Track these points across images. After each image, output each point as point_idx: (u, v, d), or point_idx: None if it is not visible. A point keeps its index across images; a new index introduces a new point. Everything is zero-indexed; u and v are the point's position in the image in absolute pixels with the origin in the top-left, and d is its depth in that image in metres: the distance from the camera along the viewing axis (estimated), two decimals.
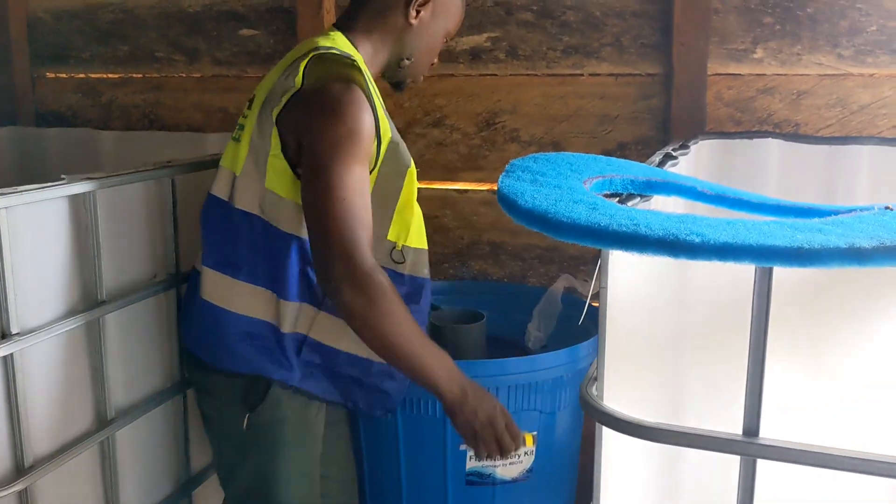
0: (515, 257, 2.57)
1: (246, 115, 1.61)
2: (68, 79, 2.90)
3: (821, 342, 1.06)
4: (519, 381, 1.90)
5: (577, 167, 1.20)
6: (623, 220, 0.88)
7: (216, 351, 1.60)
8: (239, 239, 1.56)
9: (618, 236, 0.86)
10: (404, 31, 1.64)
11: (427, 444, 1.94)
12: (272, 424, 1.61)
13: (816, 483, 1.09)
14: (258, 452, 1.63)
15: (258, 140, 1.54)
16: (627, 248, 0.86)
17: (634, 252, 0.86)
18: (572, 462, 2.16)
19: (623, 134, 2.41)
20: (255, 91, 1.64)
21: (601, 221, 0.88)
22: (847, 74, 2.21)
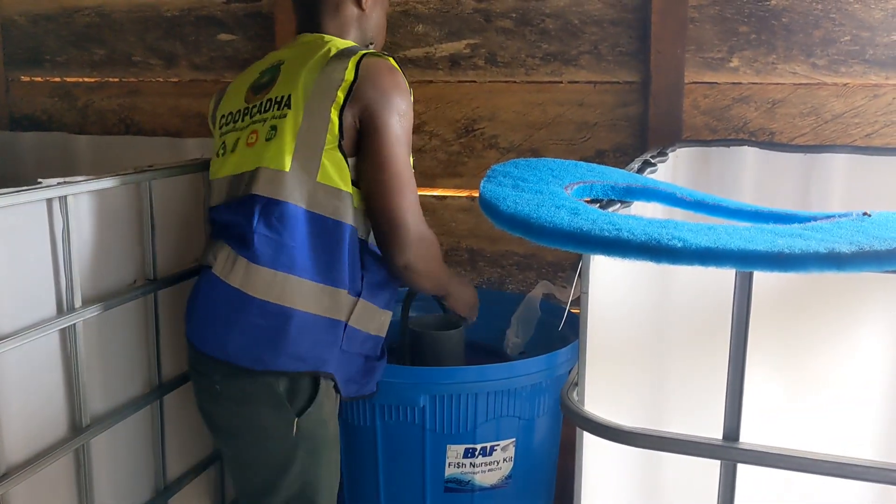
0: (494, 264, 2.57)
1: (276, 115, 1.63)
2: (43, 82, 2.88)
3: (800, 347, 1.07)
4: (498, 388, 1.90)
5: (558, 173, 1.20)
6: (605, 224, 0.89)
7: (269, 352, 1.58)
8: (290, 234, 1.59)
9: (600, 241, 0.86)
10: (361, 19, 1.80)
11: (406, 450, 1.93)
12: (316, 427, 1.64)
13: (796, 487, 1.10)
14: (304, 458, 1.64)
15: (309, 136, 1.60)
16: (610, 252, 0.86)
17: (616, 257, 0.86)
18: (551, 468, 2.16)
19: (601, 141, 2.42)
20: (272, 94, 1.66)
21: (583, 226, 0.89)
22: (821, 84, 2.24)
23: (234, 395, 1.62)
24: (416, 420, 1.89)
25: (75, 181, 1.55)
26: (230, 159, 1.68)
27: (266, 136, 1.63)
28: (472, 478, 1.94)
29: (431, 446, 1.91)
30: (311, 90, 1.61)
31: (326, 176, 1.60)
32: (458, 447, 1.91)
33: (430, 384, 1.89)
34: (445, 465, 1.92)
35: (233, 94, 1.77)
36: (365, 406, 1.92)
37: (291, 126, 1.60)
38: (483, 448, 1.93)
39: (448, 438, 1.91)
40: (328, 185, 1.60)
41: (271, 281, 1.58)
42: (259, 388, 1.60)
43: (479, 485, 1.95)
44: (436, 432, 1.90)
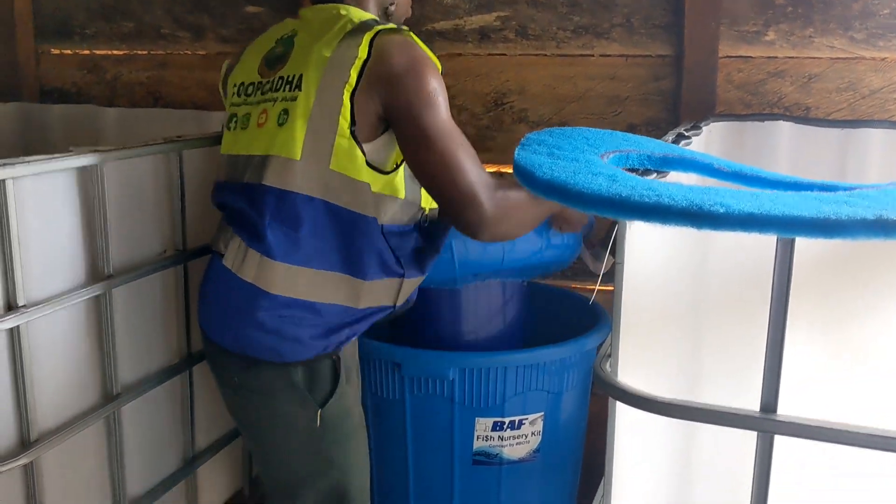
0: None
1: (287, 96, 1.53)
2: (73, 55, 2.88)
3: (840, 317, 1.05)
4: (526, 362, 1.90)
5: (593, 141, 1.18)
6: (645, 191, 0.87)
7: (288, 345, 1.52)
8: (305, 226, 1.50)
9: (640, 207, 0.84)
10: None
11: (434, 423, 1.93)
12: (341, 416, 1.58)
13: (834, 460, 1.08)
14: (332, 449, 1.59)
15: (321, 122, 1.49)
16: (650, 218, 0.84)
17: (657, 223, 0.84)
18: (579, 443, 2.16)
19: (632, 116, 2.39)
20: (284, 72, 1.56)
21: (622, 192, 0.87)
22: (859, 58, 2.20)
23: (253, 387, 1.56)
24: (445, 393, 1.89)
25: (107, 150, 1.55)
26: (241, 137, 1.59)
27: (278, 119, 1.53)
28: (500, 451, 1.94)
29: (460, 419, 1.91)
30: (324, 70, 1.50)
31: (340, 164, 1.49)
32: (487, 420, 1.91)
33: (460, 358, 1.89)
34: (474, 438, 1.92)
35: (247, 63, 1.67)
36: (394, 379, 1.93)
37: (303, 110, 1.50)
38: (511, 421, 1.93)
39: (477, 411, 1.90)
40: (342, 174, 1.50)
41: (287, 275, 1.50)
42: (278, 379, 1.54)
43: (507, 458, 1.94)
44: (465, 405, 1.90)
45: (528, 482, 2.00)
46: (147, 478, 1.74)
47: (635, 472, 1.19)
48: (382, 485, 2.03)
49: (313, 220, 1.50)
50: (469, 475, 1.95)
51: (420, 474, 1.99)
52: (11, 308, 1.37)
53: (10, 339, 1.38)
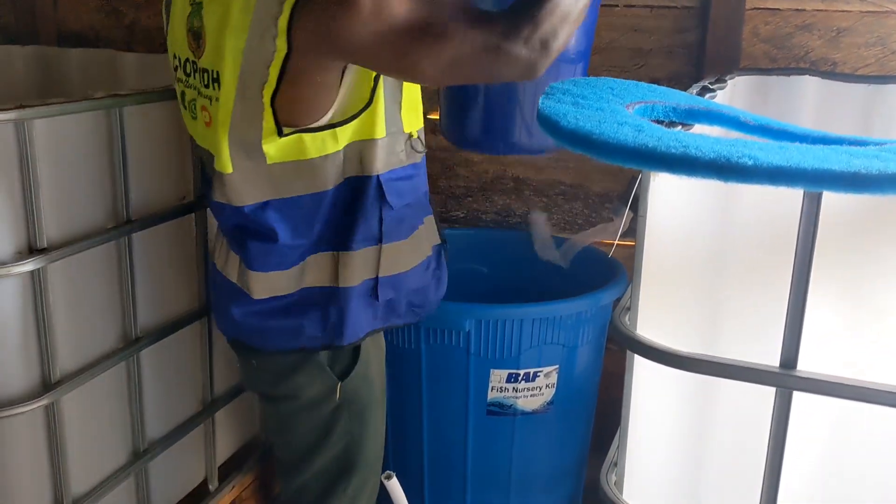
0: (540, 193, 2.54)
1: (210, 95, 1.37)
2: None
3: (864, 275, 1.04)
4: (542, 315, 1.90)
5: (618, 92, 1.16)
6: (671, 142, 0.86)
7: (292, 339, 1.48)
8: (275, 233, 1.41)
9: (667, 158, 0.83)
10: None
11: (450, 374, 1.95)
12: (361, 387, 1.54)
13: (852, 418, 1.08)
14: (348, 420, 1.55)
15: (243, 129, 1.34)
16: (676, 170, 0.83)
17: (684, 175, 0.83)
18: (592, 396, 2.17)
19: (655, 69, 2.36)
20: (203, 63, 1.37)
21: (649, 143, 0.86)
22: (889, 12, 2.15)
23: (271, 368, 1.53)
24: (460, 344, 1.90)
25: (33, 105, 1.36)
26: (196, 127, 1.46)
27: (207, 121, 1.40)
28: (514, 402, 1.95)
29: (475, 370, 1.92)
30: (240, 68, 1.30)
31: (275, 156, 1.35)
32: (502, 372, 1.93)
33: (476, 309, 1.89)
34: (489, 388, 1.93)
35: (176, 26, 1.46)
36: (410, 329, 1.93)
37: (223, 117, 1.34)
38: (526, 374, 1.94)
39: (492, 363, 1.92)
40: (282, 163, 1.36)
41: (267, 280, 1.45)
42: (296, 359, 1.50)
43: (521, 409, 1.96)
44: (480, 356, 1.91)
45: (541, 434, 2.02)
46: (166, 421, 1.76)
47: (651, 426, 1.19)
48: (397, 435, 2.05)
49: (280, 223, 1.40)
50: (483, 425, 1.97)
51: (434, 424, 2.01)
52: (32, 251, 1.38)
53: (32, 282, 1.39)
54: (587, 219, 2.52)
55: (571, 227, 2.54)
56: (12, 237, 1.36)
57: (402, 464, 2.10)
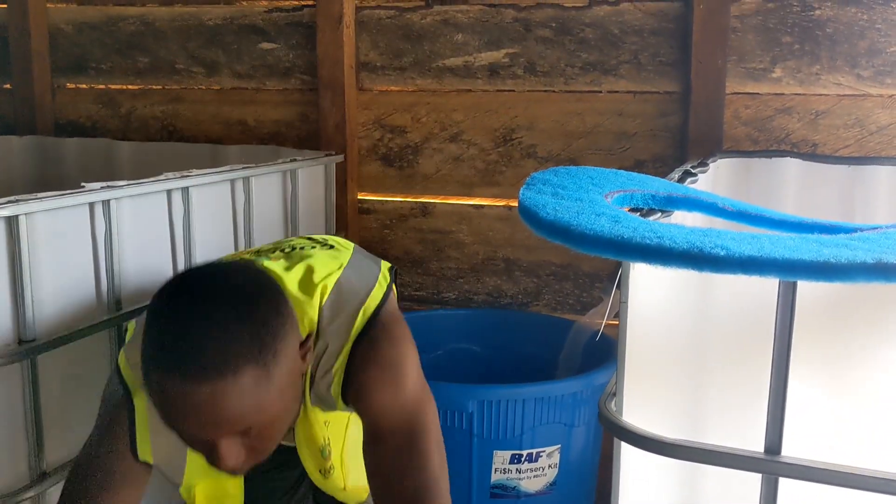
0: (530, 273, 2.57)
1: None
2: (88, 89, 2.92)
3: (845, 360, 1.05)
4: (542, 395, 1.92)
5: (597, 181, 1.19)
6: (646, 232, 0.88)
7: None
8: None
9: (641, 249, 0.85)
10: None
11: (451, 455, 1.90)
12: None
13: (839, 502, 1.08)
14: None
15: None
16: (651, 260, 0.85)
17: (658, 265, 0.85)
18: (592, 475, 2.16)
19: (640, 151, 2.41)
20: None
21: (624, 234, 0.88)
22: (866, 95, 2.21)
23: None
24: (462, 425, 1.90)
25: (118, 185, 1.57)
26: None
27: None
28: (517, 484, 1.94)
29: (478, 451, 1.92)
30: None
31: None
32: (505, 453, 1.92)
33: (478, 390, 1.91)
34: (492, 470, 1.93)
35: None
36: None
37: None
38: (529, 454, 1.94)
39: (495, 444, 1.92)
40: None
41: None
42: None
43: (524, 491, 1.95)
44: (483, 438, 1.91)
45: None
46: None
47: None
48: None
49: None
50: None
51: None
52: (22, 342, 1.39)
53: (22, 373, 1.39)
54: (578, 298, 2.54)
55: (562, 308, 2.56)
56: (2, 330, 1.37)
57: None
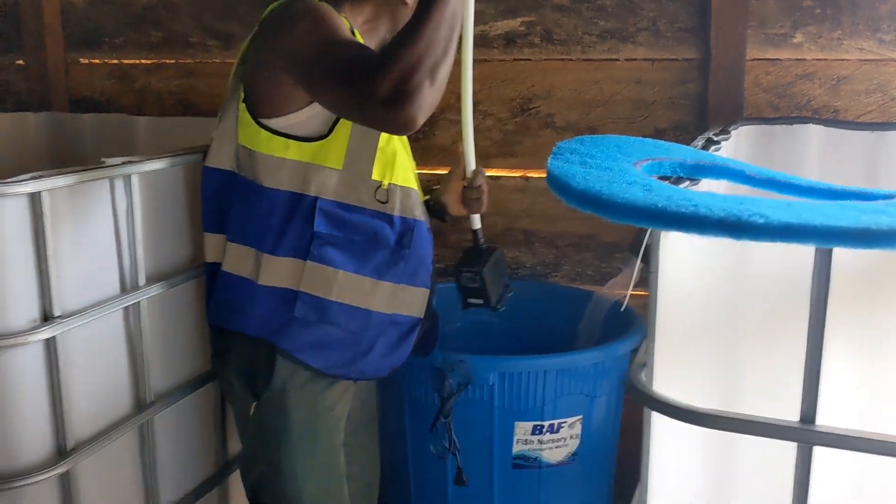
0: (549, 245, 2.55)
1: None
2: (101, 64, 2.90)
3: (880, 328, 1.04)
4: (565, 366, 1.91)
5: (624, 149, 1.18)
6: (681, 201, 0.86)
7: (222, 312, 1.60)
8: (223, 199, 1.59)
9: (677, 217, 0.84)
10: (397, 10, 1.63)
11: (474, 427, 1.93)
12: (277, 415, 1.56)
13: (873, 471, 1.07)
14: (265, 445, 1.59)
15: (230, 95, 1.59)
16: (688, 229, 0.84)
17: (694, 233, 0.84)
18: (613, 446, 2.16)
19: (660, 120, 2.38)
20: None
21: (658, 202, 0.86)
22: (888, 60, 2.17)
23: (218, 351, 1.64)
24: (484, 397, 1.89)
25: (137, 161, 1.56)
26: None
27: None
28: (539, 454, 1.94)
29: (500, 423, 1.91)
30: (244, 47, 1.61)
31: (244, 137, 1.54)
32: (527, 424, 1.92)
33: (500, 362, 1.90)
34: (513, 441, 1.93)
35: None
36: (429, 382, 1.91)
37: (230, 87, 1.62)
38: (551, 425, 1.93)
39: (516, 415, 1.91)
40: (246, 147, 1.54)
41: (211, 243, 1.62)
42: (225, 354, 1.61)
43: (546, 461, 1.95)
44: (504, 409, 1.90)
45: (566, 486, 2.01)
46: (180, 485, 1.76)
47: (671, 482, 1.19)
48: (420, 492, 2.04)
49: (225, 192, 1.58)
50: (509, 479, 1.96)
51: None
52: (48, 318, 1.39)
53: (47, 350, 1.39)
54: (598, 269, 2.53)
55: (582, 279, 2.54)
56: (28, 306, 1.37)
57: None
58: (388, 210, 1.57)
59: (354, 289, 1.55)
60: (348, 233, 1.54)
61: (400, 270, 1.59)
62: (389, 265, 1.58)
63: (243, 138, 1.54)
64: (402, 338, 1.64)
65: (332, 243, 1.53)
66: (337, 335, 1.56)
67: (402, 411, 2.05)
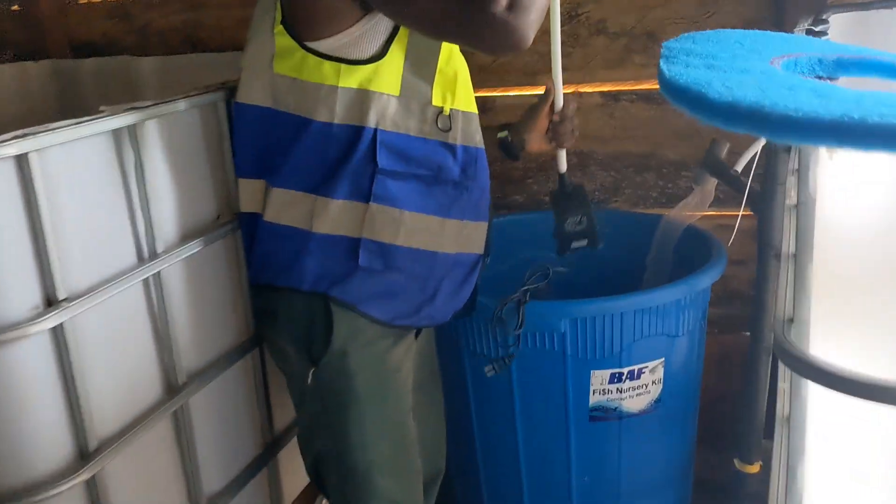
0: (606, 167, 2.30)
1: None
2: (100, 3, 2.65)
3: None
4: (642, 305, 1.70)
5: (749, 45, 0.92)
6: (885, 109, 0.61)
7: (269, 268, 1.44)
8: (260, 139, 1.40)
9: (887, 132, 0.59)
10: None
11: (544, 380, 1.75)
12: (340, 380, 1.43)
13: None
14: (328, 414, 1.46)
15: (259, 15, 1.40)
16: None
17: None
18: (697, 388, 1.97)
19: (728, 17, 2.10)
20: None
21: (853, 113, 0.61)
22: None
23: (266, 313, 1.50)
24: (555, 347, 1.70)
25: (142, 106, 1.32)
26: None
27: None
28: (619, 404, 1.75)
29: (574, 374, 1.72)
30: None
31: (281, 66, 1.36)
32: (604, 372, 1.73)
33: (570, 307, 1.70)
34: (590, 392, 1.74)
35: None
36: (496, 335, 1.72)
37: None
38: (631, 371, 1.74)
39: (592, 364, 1.72)
40: (286, 77, 1.36)
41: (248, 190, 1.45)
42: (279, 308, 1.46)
43: (626, 411, 1.76)
44: (578, 358, 1.71)
45: (650, 435, 1.83)
46: (224, 472, 1.56)
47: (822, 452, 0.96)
48: (488, 452, 1.87)
49: (263, 131, 1.40)
50: (586, 434, 1.77)
51: (531, 437, 1.81)
52: (52, 304, 1.17)
53: (55, 339, 1.18)
54: (662, 191, 2.29)
55: (645, 202, 2.31)
56: (26, 291, 1.15)
57: (497, 483, 1.92)
58: (451, 139, 1.40)
59: (422, 230, 1.40)
60: (412, 167, 1.38)
61: (464, 205, 1.44)
62: (454, 200, 1.43)
63: (283, 67, 1.35)
64: (466, 277, 1.50)
65: (397, 180, 1.38)
66: (402, 282, 1.43)
67: (461, 367, 1.85)
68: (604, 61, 2.21)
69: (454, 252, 1.45)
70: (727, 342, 2.27)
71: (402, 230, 1.38)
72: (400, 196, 1.37)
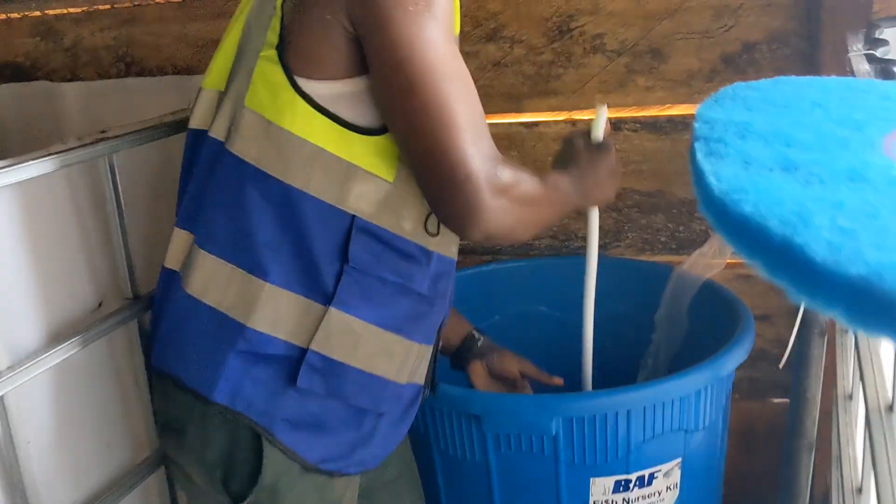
0: (608, 207, 1.97)
1: None
2: (21, 19, 2.34)
3: None
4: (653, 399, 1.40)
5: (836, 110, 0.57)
6: None
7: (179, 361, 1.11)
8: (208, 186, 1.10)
9: None
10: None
11: (532, 490, 1.46)
12: None
13: None
14: None
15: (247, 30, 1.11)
16: None
17: None
18: (719, 487, 1.66)
19: (749, 30, 1.79)
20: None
21: None
22: None
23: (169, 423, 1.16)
24: (545, 451, 1.40)
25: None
26: None
27: None
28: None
29: (568, 483, 1.43)
30: None
31: (254, 98, 1.06)
32: (606, 480, 1.44)
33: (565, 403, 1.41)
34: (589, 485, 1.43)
35: None
36: (471, 435, 1.44)
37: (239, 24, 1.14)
38: (640, 478, 1.44)
39: (592, 470, 1.43)
40: (255, 113, 1.06)
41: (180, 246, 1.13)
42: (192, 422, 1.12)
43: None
44: (574, 464, 1.42)
45: None
46: None
47: None
48: None
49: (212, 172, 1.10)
50: None
51: None
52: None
53: None
54: (672, 234, 1.97)
55: (652, 248, 1.99)
56: None
57: None
58: (430, 246, 1.16)
59: (381, 351, 1.14)
60: (384, 270, 1.12)
61: (423, 325, 1.20)
62: (416, 319, 1.18)
63: (259, 103, 1.06)
64: (406, 412, 1.26)
65: (363, 284, 1.10)
66: (339, 414, 1.15)
67: (433, 471, 1.54)
68: (601, 84, 1.90)
69: (403, 383, 1.19)
70: (752, 410, 1.99)
71: (360, 347, 1.11)
72: (362, 305, 1.10)
